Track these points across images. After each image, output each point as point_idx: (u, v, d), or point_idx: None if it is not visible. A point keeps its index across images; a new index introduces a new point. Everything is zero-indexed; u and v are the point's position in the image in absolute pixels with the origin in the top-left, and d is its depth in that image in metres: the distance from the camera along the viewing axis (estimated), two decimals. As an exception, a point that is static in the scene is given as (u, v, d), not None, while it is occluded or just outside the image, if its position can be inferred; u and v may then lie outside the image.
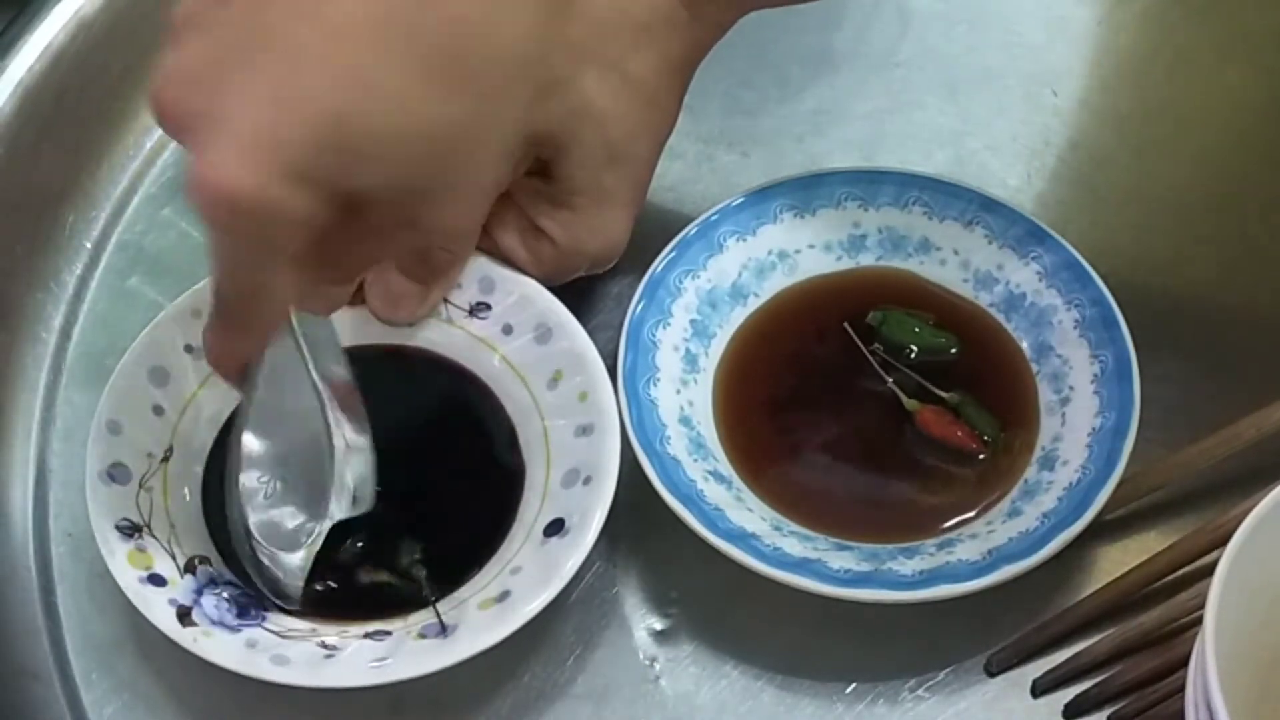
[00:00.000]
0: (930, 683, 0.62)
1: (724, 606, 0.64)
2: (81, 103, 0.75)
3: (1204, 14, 0.80)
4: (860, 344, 0.67)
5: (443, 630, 0.59)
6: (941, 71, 0.78)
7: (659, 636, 0.63)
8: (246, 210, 0.51)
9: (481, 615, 0.60)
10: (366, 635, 0.60)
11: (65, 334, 0.71)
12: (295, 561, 0.61)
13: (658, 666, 0.63)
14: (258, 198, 0.51)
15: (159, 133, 0.76)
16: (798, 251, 0.69)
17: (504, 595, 0.60)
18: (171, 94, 0.53)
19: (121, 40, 0.75)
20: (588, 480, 0.62)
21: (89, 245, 0.73)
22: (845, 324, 0.67)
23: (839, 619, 0.62)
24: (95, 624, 0.64)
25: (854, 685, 0.62)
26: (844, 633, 0.63)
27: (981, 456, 0.65)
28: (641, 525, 0.65)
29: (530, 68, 0.56)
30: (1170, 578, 0.63)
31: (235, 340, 0.59)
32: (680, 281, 0.68)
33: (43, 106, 0.74)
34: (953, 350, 0.67)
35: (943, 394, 0.66)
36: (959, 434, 0.65)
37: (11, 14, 0.75)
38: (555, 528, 0.61)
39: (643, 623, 0.64)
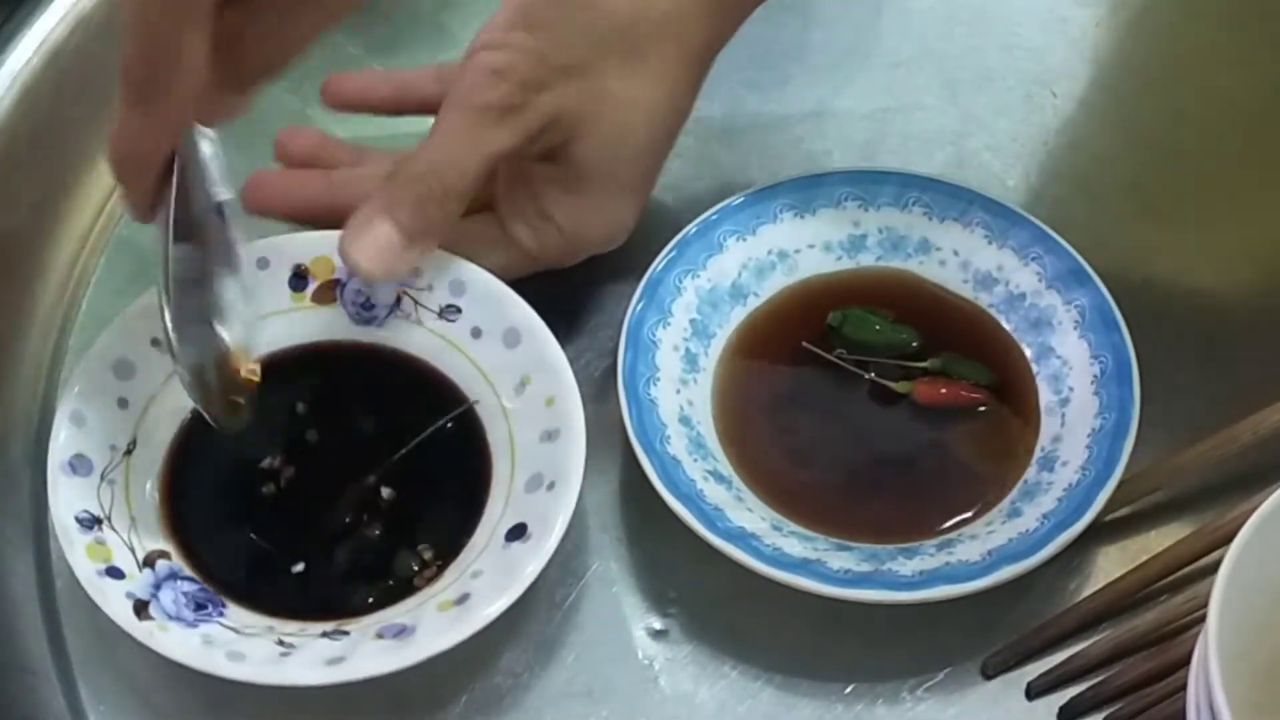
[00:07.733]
0: (929, 684, 0.62)
1: (723, 606, 0.63)
2: (79, 98, 0.75)
3: (1202, 16, 0.80)
4: (829, 355, 0.67)
5: (400, 631, 0.59)
6: (941, 71, 0.78)
7: (658, 636, 0.63)
8: None
9: (440, 617, 0.59)
10: (324, 634, 0.60)
11: (63, 331, 0.71)
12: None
13: (656, 666, 0.63)
14: None
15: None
16: (798, 251, 0.69)
17: (463, 598, 0.60)
18: None
19: (120, 35, 0.75)
20: (551, 486, 0.61)
21: (87, 243, 0.73)
22: (804, 344, 0.67)
23: (838, 619, 0.62)
24: (92, 620, 0.64)
25: (853, 685, 0.62)
26: (843, 633, 0.63)
27: (983, 409, 0.66)
28: (641, 525, 0.65)
29: None
30: (1168, 579, 0.63)
31: (147, 123, 0.57)
32: (680, 281, 0.68)
33: (40, 101, 0.73)
34: (914, 345, 0.67)
35: (923, 364, 0.66)
36: (961, 392, 0.66)
37: (9, 9, 0.75)
38: (517, 532, 0.61)
39: (642, 622, 0.64)
